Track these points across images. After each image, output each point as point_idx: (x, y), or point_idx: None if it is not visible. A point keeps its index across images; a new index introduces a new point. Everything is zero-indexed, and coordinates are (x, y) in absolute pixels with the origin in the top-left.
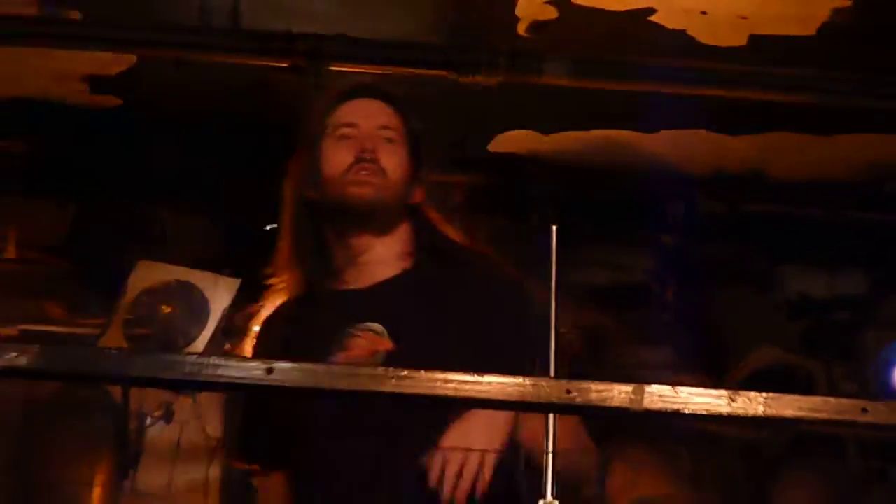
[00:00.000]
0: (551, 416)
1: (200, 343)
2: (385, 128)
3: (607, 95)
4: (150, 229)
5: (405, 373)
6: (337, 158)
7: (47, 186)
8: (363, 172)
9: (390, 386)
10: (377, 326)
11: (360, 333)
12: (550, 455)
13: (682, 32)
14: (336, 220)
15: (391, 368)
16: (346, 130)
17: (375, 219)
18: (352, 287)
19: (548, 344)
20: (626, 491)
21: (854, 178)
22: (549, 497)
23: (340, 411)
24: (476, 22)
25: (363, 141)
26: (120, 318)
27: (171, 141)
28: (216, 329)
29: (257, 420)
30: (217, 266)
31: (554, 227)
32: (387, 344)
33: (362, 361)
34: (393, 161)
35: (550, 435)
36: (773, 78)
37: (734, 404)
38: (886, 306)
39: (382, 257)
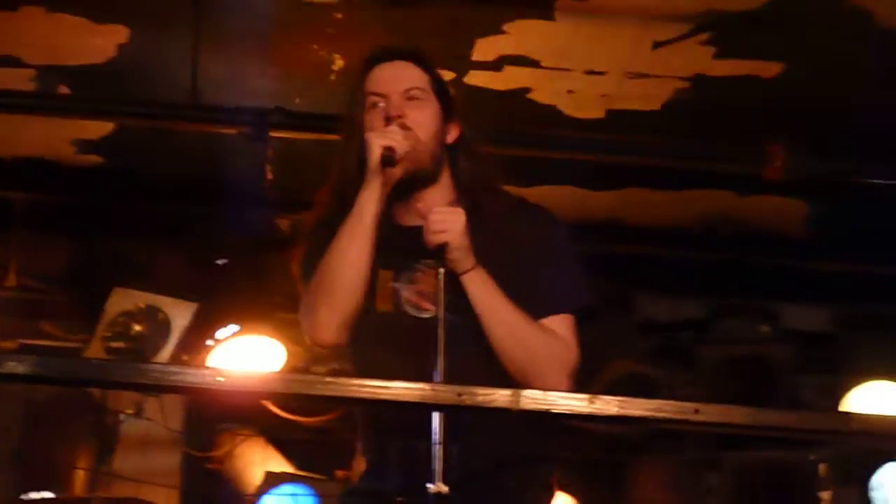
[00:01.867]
0: (438, 414)
1: (165, 354)
2: (411, 88)
3: (494, 157)
4: (124, 263)
5: (329, 380)
6: (374, 127)
7: (42, 228)
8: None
9: (318, 390)
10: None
11: (424, 269)
12: (440, 447)
13: (553, 107)
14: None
15: (320, 377)
16: (374, 99)
17: (417, 178)
18: (407, 224)
19: (438, 359)
20: None
21: (693, 225)
22: (438, 484)
23: None
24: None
25: (389, 109)
26: (100, 334)
27: (143, 191)
28: (177, 344)
29: None
30: (178, 293)
31: (441, 270)
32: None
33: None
34: (420, 118)
35: (440, 429)
36: (627, 144)
37: (593, 405)
38: (718, 327)
39: (432, 202)
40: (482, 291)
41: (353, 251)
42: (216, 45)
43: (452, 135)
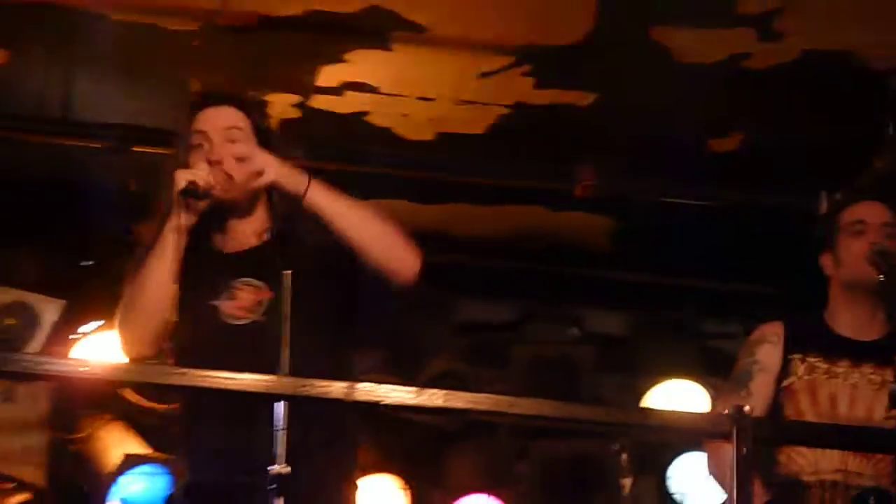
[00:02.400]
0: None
1: (35, 346)
2: (230, 129)
3: (330, 173)
4: None
5: (182, 371)
6: (196, 165)
7: None
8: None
9: (171, 380)
10: (256, 281)
11: (242, 287)
12: (283, 432)
13: (389, 129)
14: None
15: (174, 368)
16: (198, 138)
17: (230, 209)
18: (225, 250)
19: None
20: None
21: (510, 237)
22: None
23: None
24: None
25: (210, 152)
26: None
27: (14, 198)
28: (47, 337)
29: None
30: (49, 291)
31: (288, 273)
32: (267, 293)
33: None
34: (237, 155)
35: (283, 417)
36: (454, 164)
37: (421, 397)
38: (528, 329)
39: (246, 232)
40: (329, 197)
41: (156, 274)
42: (86, 67)
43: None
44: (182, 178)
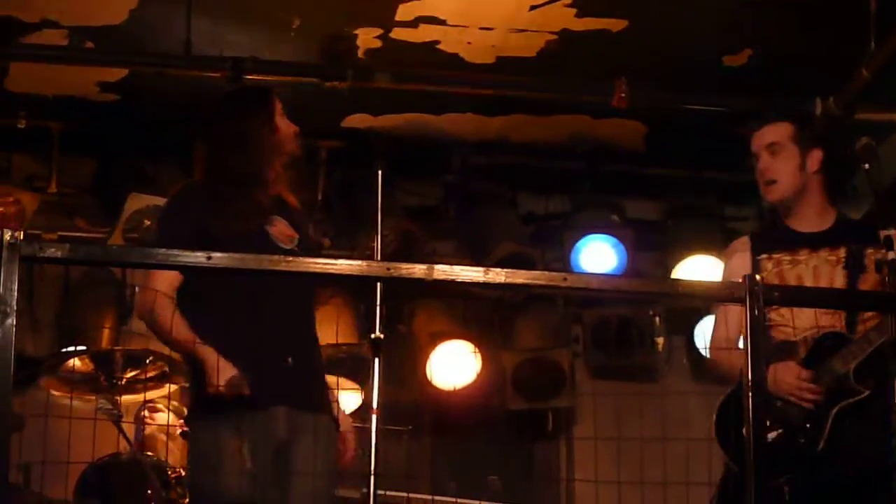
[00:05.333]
0: None
1: None
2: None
3: (413, 93)
4: (136, 174)
5: (290, 259)
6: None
7: (75, 149)
8: None
9: (280, 266)
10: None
11: (276, 221)
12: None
13: (456, 55)
14: None
15: (285, 257)
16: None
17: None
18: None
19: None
20: (425, 326)
21: (559, 140)
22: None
23: None
24: (333, 49)
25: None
26: (120, 228)
27: (149, 120)
28: None
29: None
30: None
31: (380, 172)
32: (294, 233)
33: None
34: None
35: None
36: (512, 82)
37: (487, 276)
38: (579, 218)
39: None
40: None
41: None
42: (204, 8)
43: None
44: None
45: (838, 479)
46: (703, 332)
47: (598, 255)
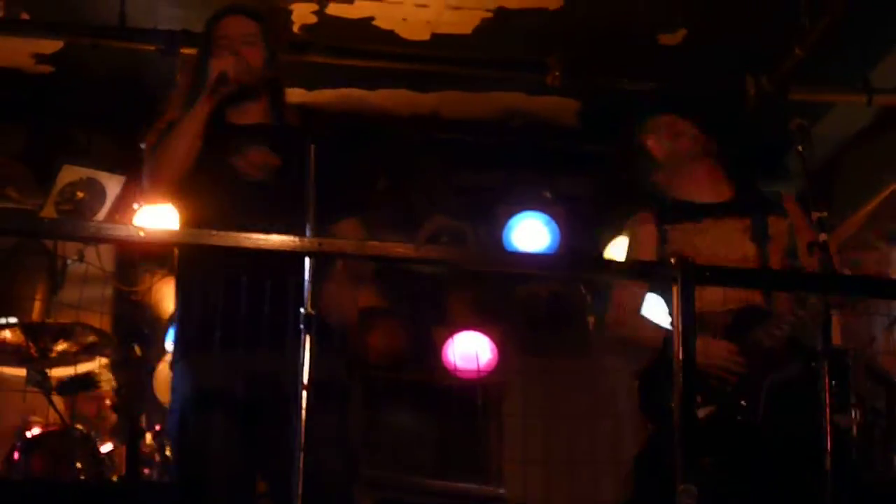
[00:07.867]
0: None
1: (101, 215)
2: (246, 34)
3: (345, 68)
4: (70, 145)
5: (219, 233)
6: (219, 58)
7: (7, 117)
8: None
9: (210, 241)
10: (266, 148)
11: (253, 150)
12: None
13: (391, 31)
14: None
15: (214, 231)
16: (221, 41)
17: (245, 93)
18: (238, 123)
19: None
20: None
21: (493, 117)
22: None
23: None
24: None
25: (232, 44)
26: (52, 199)
27: (83, 91)
28: (111, 207)
29: None
30: (112, 169)
31: (312, 146)
32: (275, 160)
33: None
34: (251, 54)
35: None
36: (446, 59)
37: (420, 252)
38: (513, 194)
39: (256, 111)
40: None
41: (187, 133)
42: None
43: (273, 73)
44: (216, 68)
45: (777, 451)
46: None
47: (530, 232)
